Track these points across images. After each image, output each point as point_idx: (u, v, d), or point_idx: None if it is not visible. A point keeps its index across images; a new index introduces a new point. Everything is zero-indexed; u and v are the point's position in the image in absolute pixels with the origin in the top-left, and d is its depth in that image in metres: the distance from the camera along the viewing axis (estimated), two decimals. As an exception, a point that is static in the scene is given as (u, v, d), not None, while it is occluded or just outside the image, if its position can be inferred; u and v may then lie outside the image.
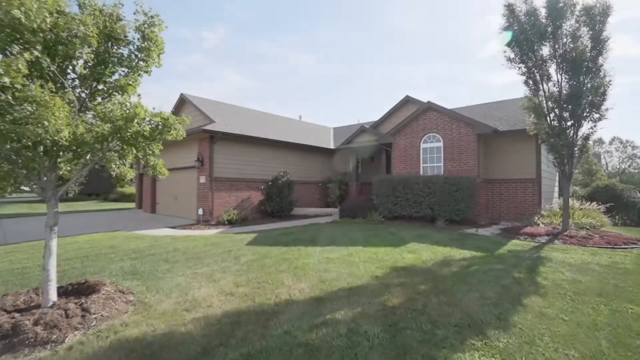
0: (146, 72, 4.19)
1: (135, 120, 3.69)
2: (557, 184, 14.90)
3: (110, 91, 4.03)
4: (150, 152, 4.26)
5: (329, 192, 15.42)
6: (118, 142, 3.92)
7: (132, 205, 21.73)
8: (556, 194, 14.24)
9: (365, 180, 16.85)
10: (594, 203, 11.23)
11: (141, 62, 4.07)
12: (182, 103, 15.10)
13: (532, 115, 8.54)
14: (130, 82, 3.97)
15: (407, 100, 14.49)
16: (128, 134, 3.73)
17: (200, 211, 11.82)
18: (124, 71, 4.08)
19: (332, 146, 17.03)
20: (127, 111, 3.70)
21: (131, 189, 27.03)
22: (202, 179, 12.11)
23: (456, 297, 4.00)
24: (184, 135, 4.67)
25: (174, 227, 10.61)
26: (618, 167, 39.91)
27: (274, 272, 5.05)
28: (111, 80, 3.97)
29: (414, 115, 11.97)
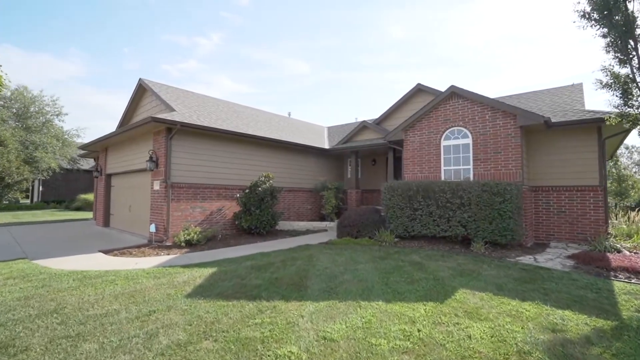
0: None
1: None
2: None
3: None
4: None
5: (324, 201, 12.60)
6: None
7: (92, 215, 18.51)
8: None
9: (367, 187, 14.13)
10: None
11: None
12: (142, 92, 12.21)
13: (617, 96, 5.98)
14: None
15: (419, 89, 11.89)
16: None
17: (152, 228, 8.86)
18: None
19: (326, 146, 14.28)
20: None
21: (97, 196, 23.74)
22: (156, 185, 9.18)
23: None
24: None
25: (110, 251, 7.63)
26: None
27: (204, 400, 2.20)
28: None
29: (432, 104, 9.33)
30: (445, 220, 7.68)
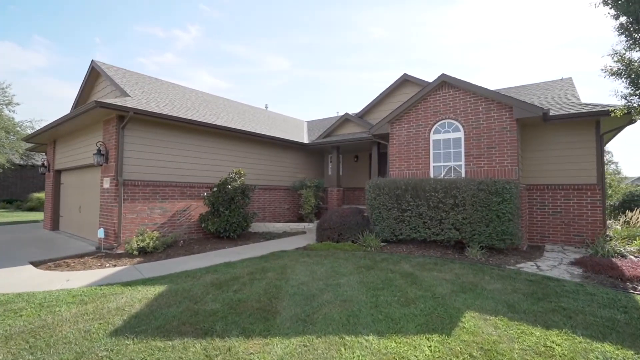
0: None
1: None
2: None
3: None
4: None
5: (302, 200, 11.61)
6: None
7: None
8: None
9: (349, 185, 13.28)
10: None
11: None
12: (95, 76, 10.65)
13: (628, 84, 5.38)
14: None
15: (405, 80, 11.11)
16: None
17: (101, 233, 7.53)
18: None
19: (306, 141, 13.28)
20: None
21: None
22: (106, 183, 7.85)
23: None
24: None
25: (43, 263, 6.29)
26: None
27: None
28: None
29: (421, 94, 8.54)
30: (437, 223, 6.91)
